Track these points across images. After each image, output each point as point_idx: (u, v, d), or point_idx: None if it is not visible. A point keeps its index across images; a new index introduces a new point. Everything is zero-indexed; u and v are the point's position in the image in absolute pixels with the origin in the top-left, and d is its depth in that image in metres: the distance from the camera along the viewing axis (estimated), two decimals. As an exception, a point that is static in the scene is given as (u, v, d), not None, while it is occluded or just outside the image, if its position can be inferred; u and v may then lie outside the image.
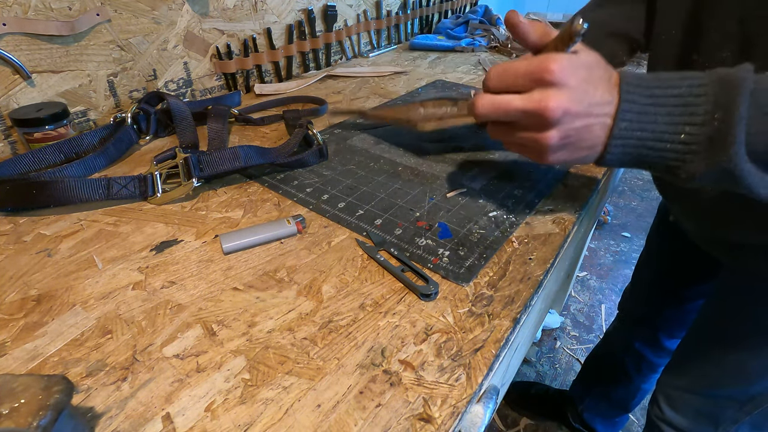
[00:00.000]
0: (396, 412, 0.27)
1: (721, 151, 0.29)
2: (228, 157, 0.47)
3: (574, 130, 0.32)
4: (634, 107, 0.31)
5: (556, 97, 0.31)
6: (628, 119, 0.32)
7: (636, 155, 0.33)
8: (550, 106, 0.31)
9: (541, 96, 0.32)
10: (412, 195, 0.48)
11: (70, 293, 0.35)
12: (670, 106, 0.31)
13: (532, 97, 0.32)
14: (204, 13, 0.69)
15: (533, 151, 0.35)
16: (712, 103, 0.29)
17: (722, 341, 0.57)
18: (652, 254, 0.78)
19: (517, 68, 0.33)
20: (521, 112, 0.32)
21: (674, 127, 0.31)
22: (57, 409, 0.21)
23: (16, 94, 0.55)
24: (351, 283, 0.36)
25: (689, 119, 0.30)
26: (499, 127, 0.36)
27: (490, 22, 1.21)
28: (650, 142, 0.32)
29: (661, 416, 0.69)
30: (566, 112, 0.31)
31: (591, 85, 0.32)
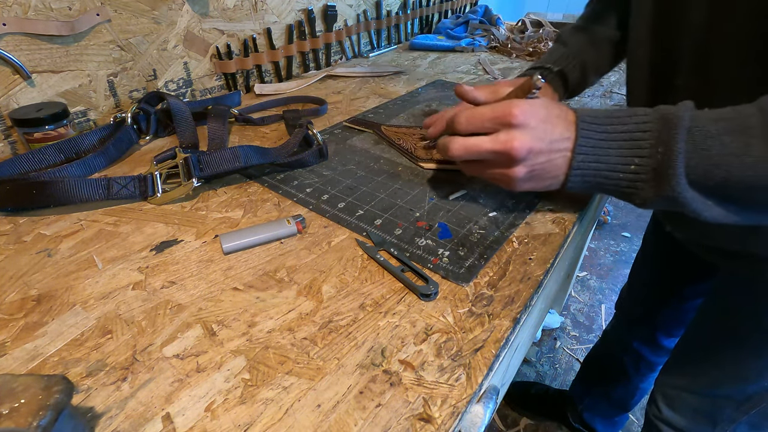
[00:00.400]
0: (396, 412, 0.27)
1: (665, 181, 0.33)
2: (228, 157, 0.47)
3: (539, 165, 0.37)
4: (590, 142, 0.36)
5: (520, 138, 0.36)
6: (584, 152, 0.36)
7: (594, 183, 0.37)
8: (515, 146, 0.36)
9: (507, 137, 0.36)
10: (412, 195, 0.48)
11: (70, 293, 0.35)
12: (621, 141, 0.35)
13: (499, 138, 0.37)
14: (204, 13, 0.69)
15: (504, 183, 0.39)
16: (655, 138, 0.33)
17: (720, 340, 0.57)
18: (648, 254, 0.78)
19: (483, 113, 0.38)
20: (490, 152, 0.37)
21: (625, 159, 0.35)
22: (57, 409, 0.21)
23: (16, 94, 0.55)
24: (351, 283, 0.36)
25: (637, 152, 0.34)
26: (471, 165, 0.41)
27: (490, 22, 1.21)
28: (605, 172, 0.36)
29: (659, 415, 0.69)
30: (530, 151, 0.36)
31: (550, 124, 0.37)
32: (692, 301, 0.72)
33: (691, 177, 0.32)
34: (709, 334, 0.59)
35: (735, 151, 0.31)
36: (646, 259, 0.79)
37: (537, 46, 1.03)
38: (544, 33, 1.07)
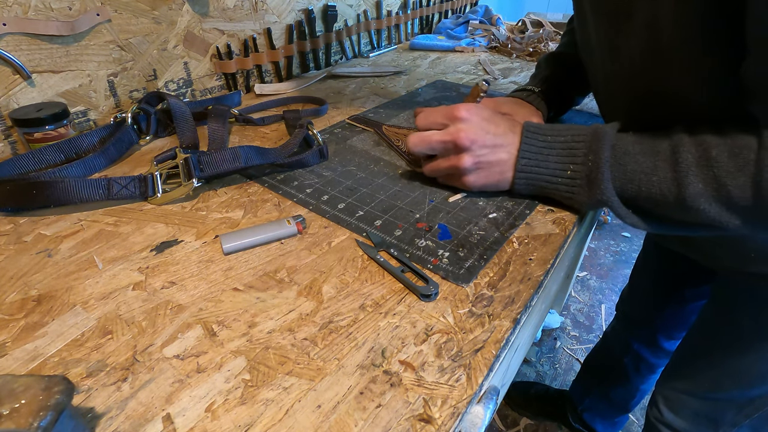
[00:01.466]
0: (396, 412, 0.27)
1: (596, 186, 0.38)
2: (228, 158, 0.47)
3: (484, 157, 0.42)
4: (532, 149, 0.41)
5: (465, 129, 0.42)
6: (527, 157, 0.42)
7: (538, 186, 0.43)
8: (461, 135, 0.42)
9: (454, 129, 0.42)
10: (412, 197, 0.48)
11: (70, 293, 0.35)
12: (559, 149, 0.40)
13: (448, 130, 0.43)
14: (204, 13, 0.69)
15: (456, 175, 0.44)
16: (587, 148, 0.38)
17: (722, 344, 0.57)
18: (649, 256, 0.78)
19: (436, 111, 0.45)
20: (440, 142, 0.43)
21: (562, 165, 0.40)
22: (57, 409, 0.21)
23: (16, 94, 0.55)
24: (351, 283, 0.36)
25: (572, 159, 0.40)
26: (429, 161, 0.47)
27: (490, 23, 1.21)
28: (546, 176, 0.41)
29: (660, 418, 0.69)
30: (474, 141, 0.42)
31: (492, 123, 0.43)
32: (693, 304, 0.72)
33: (613, 186, 0.37)
34: (710, 338, 0.59)
35: (645, 170, 0.36)
36: (647, 261, 0.79)
37: (537, 47, 1.03)
38: (544, 33, 1.07)
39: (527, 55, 1.02)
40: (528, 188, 0.43)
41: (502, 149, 0.42)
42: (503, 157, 0.42)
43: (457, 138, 0.42)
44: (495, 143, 0.42)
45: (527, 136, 0.42)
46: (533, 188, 0.43)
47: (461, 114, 0.42)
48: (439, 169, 0.46)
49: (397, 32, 1.13)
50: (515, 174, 0.42)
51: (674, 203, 0.35)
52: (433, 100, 0.75)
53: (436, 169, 0.46)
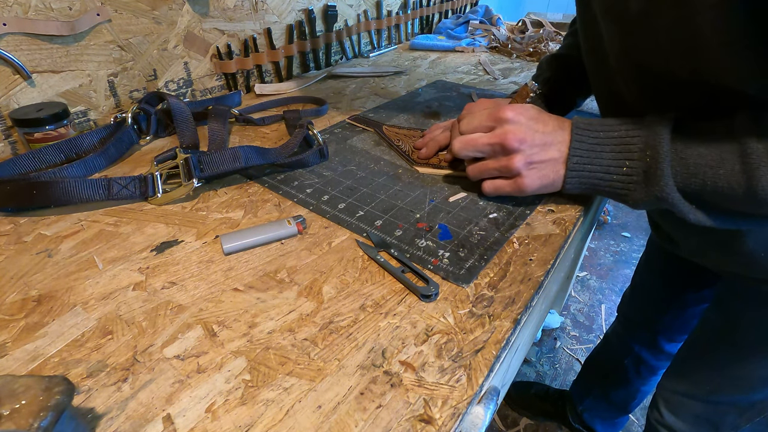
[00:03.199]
0: (397, 413, 0.27)
1: (655, 182, 0.35)
2: (228, 158, 0.47)
3: (535, 155, 0.41)
4: (583, 146, 0.39)
5: (512, 130, 0.41)
6: (578, 155, 0.40)
7: (590, 184, 0.40)
8: (509, 137, 0.40)
9: (501, 130, 0.41)
10: (413, 197, 0.48)
11: (70, 294, 0.35)
12: (612, 145, 0.38)
13: (495, 132, 0.42)
14: (204, 13, 0.69)
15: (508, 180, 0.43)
16: (643, 142, 0.36)
17: (725, 347, 0.57)
18: (651, 259, 0.78)
19: (481, 114, 0.44)
20: (487, 144, 0.42)
21: (617, 161, 0.38)
22: (58, 410, 0.21)
23: (16, 94, 0.55)
24: (351, 283, 0.36)
25: (628, 155, 0.37)
26: (476, 166, 0.45)
27: (490, 23, 1.21)
28: (600, 173, 0.39)
29: (661, 420, 0.68)
30: (522, 140, 0.40)
31: (540, 122, 0.41)
32: (695, 307, 0.71)
33: (675, 181, 0.35)
34: (712, 341, 0.59)
35: (710, 163, 0.34)
36: (649, 264, 0.79)
37: (537, 47, 1.03)
38: (544, 33, 1.07)
39: (527, 55, 1.02)
40: (580, 187, 0.41)
41: (553, 147, 0.40)
42: (554, 155, 0.40)
43: (504, 140, 0.40)
44: (544, 141, 0.40)
45: (577, 132, 0.40)
46: (585, 186, 0.41)
47: (507, 115, 0.41)
48: (487, 169, 0.44)
49: (397, 32, 1.13)
50: (566, 173, 0.40)
51: (744, 196, 0.33)
52: (433, 100, 0.75)
53: (484, 170, 0.44)
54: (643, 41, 0.36)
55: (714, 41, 0.31)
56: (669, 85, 0.37)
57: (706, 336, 0.61)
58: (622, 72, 0.41)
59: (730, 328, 0.56)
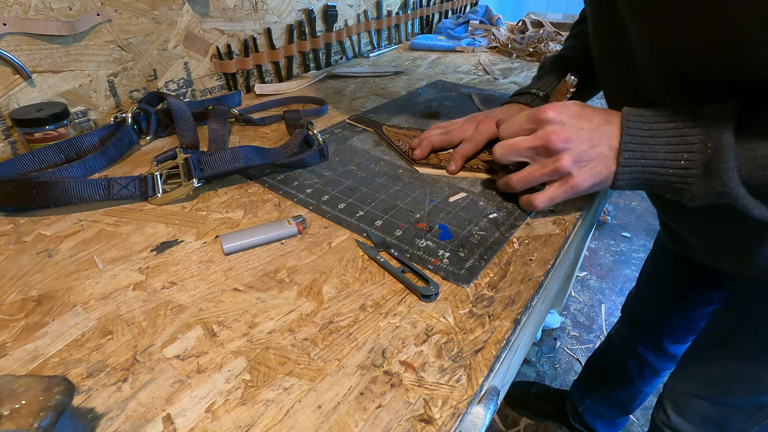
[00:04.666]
0: (397, 413, 0.27)
1: (717, 176, 0.33)
2: (228, 158, 0.47)
3: (584, 153, 0.38)
4: (635, 139, 0.36)
5: (555, 130, 0.38)
6: (631, 149, 0.36)
7: (644, 180, 0.37)
8: (552, 138, 0.38)
9: (543, 132, 0.39)
10: (413, 197, 0.48)
11: (70, 294, 0.35)
12: (668, 137, 0.35)
13: (537, 135, 0.39)
14: (204, 13, 0.69)
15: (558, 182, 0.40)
16: (704, 134, 0.33)
17: (734, 349, 0.56)
18: (659, 259, 0.77)
19: (519, 118, 0.41)
20: (530, 148, 0.40)
21: (674, 154, 0.35)
22: (58, 410, 0.21)
23: (16, 94, 0.55)
24: (351, 283, 0.36)
25: (686, 147, 0.34)
26: (519, 174, 0.42)
27: (490, 23, 1.21)
28: (654, 168, 0.36)
29: (667, 422, 0.68)
30: (567, 140, 0.38)
31: (584, 119, 0.38)
32: (702, 309, 0.71)
33: (739, 174, 0.32)
34: (723, 343, 0.58)
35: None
36: (656, 265, 0.78)
37: (537, 47, 1.03)
38: (544, 33, 1.07)
39: (527, 55, 1.02)
40: (633, 182, 0.38)
41: (602, 143, 0.38)
42: (604, 150, 0.38)
43: (548, 141, 0.38)
44: (591, 138, 0.38)
45: (628, 126, 0.37)
46: (639, 182, 0.38)
47: (548, 115, 0.39)
48: (534, 178, 0.41)
49: (397, 32, 1.13)
50: (618, 168, 0.37)
51: None
52: (433, 100, 0.75)
53: (531, 179, 0.41)
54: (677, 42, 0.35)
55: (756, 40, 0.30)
56: (702, 86, 0.36)
57: (716, 337, 0.60)
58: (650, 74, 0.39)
59: (740, 328, 0.55)
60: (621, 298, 1.52)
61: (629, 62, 0.40)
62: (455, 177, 0.52)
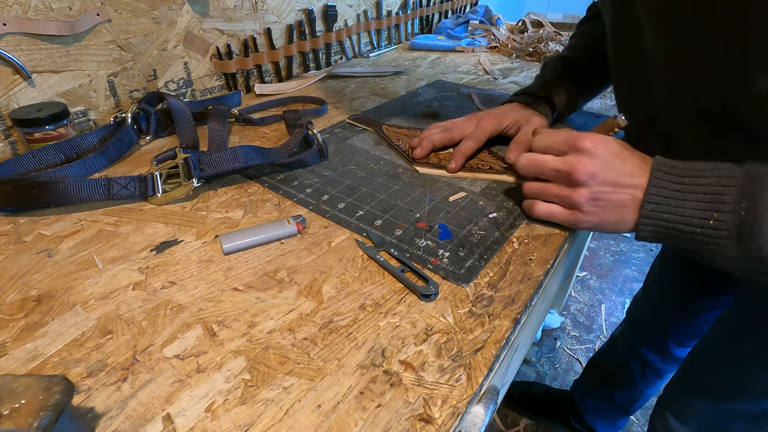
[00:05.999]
0: (396, 412, 0.27)
1: (751, 240, 0.31)
2: (228, 158, 0.47)
3: (603, 194, 0.37)
4: (662, 191, 0.35)
5: (585, 162, 0.37)
6: (656, 201, 0.35)
7: (667, 235, 0.36)
8: (579, 168, 0.37)
9: (573, 159, 0.38)
10: (413, 196, 0.48)
11: (70, 293, 0.35)
12: (700, 194, 0.33)
13: (566, 159, 0.38)
14: (204, 13, 0.69)
15: (566, 206, 0.40)
16: (739, 193, 0.31)
17: (741, 353, 0.56)
18: (668, 263, 0.76)
19: (556, 136, 0.40)
20: (553, 169, 0.39)
21: (703, 212, 0.33)
22: (57, 409, 0.21)
23: (16, 94, 0.55)
24: (351, 283, 0.36)
25: (717, 206, 0.32)
26: (536, 184, 0.42)
27: (490, 23, 1.21)
28: (680, 225, 0.34)
29: (667, 426, 0.68)
30: (593, 176, 0.36)
31: (620, 159, 0.37)
32: (710, 313, 0.70)
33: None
34: (729, 347, 0.58)
35: None
36: (664, 268, 0.78)
37: (537, 47, 1.03)
38: (544, 33, 1.07)
39: (527, 55, 1.02)
40: (655, 235, 0.37)
41: (626, 190, 0.36)
42: (625, 199, 0.36)
43: (574, 170, 0.37)
44: (618, 182, 0.36)
45: (657, 176, 0.35)
46: (662, 236, 0.36)
47: (585, 144, 0.37)
48: (546, 194, 0.41)
49: (397, 32, 1.13)
50: (639, 219, 0.36)
51: None
52: (433, 100, 0.75)
53: (542, 193, 0.41)
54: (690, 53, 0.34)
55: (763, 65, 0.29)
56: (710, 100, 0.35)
57: (722, 341, 0.59)
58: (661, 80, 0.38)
59: (748, 332, 0.54)
60: (621, 298, 1.52)
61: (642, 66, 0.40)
62: (455, 177, 0.52)
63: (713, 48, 0.32)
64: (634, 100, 0.45)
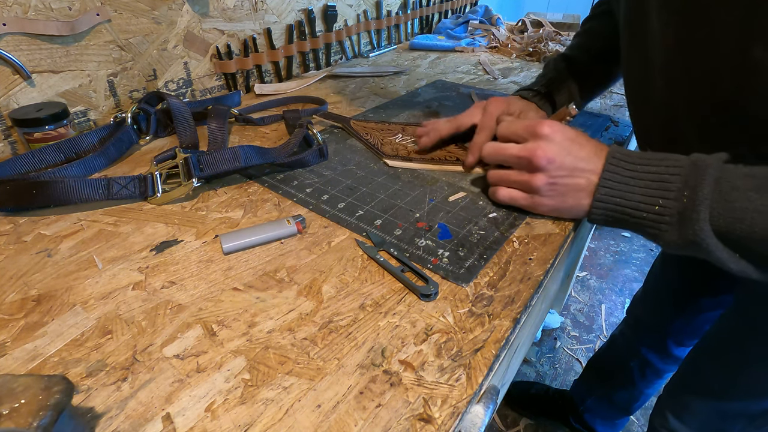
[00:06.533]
0: (396, 412, 0.27)
1: (689, 225, 0.33)
2: (228, 158, 0.47)
3: (561, 179, 0.39)
4: (616, 177, 0.37)
5: (544, 147, 0.39)
6: (609, 186, 0.37)
7: (617, 219, 0.38)
8: (538, 153, 0.39)
9: (533, 145, 0.40)
10: (412, 196, 0.48)
11: (70, 293, 0.35)
12: (648, 181, 0.36)
13: (526, 146, 0.40)
14: (204, 13, 0.69)
15: (526, 191, 0.42)
16: (683, 182, 0.34)
17: (741, 353, 0.56)
18: (668, 263, 0.76)
19: (518, 124, 0.42)
20: (515, 156, 0.41)
21: (650, 198, 0.35)
22: (57, 409, 0.21)
23: (16, 94, 0.55)
24: (351, 283, 0.36)
25: (663, 194, 0.35)
26: (498, 171, 0.44)
27: (490, 23, 1.21)
28: (629, 209, 0.37)
29: (666, 425, 0.68)
30: (551, 161, 0.39)
31: (576, 145, 0.39)
32: (710, 313, 0.70)
33: (715, 226, 0.32)
34: (729, 346, 0.58)
35: (760, 209, 0.31)
36: (664, 268, 0.78)
37: (537, 47, 1.03)
38: (544, 33, 1.07)
39: (527, 55, 1.02)
40: (605, 219, 0.39)
41: (582, 174, 0.38)
42: (581, 183, 0.39)
43: (533, 155, 0.39)
44: (575, 166, 0.38)
45: (612, 163, 0.37)
46: (612, 220, 0.39)
47: (544, 130, 0.39)
48: (508, 180, 0.43)
49: (397, 32, 1.13)
50: (593, 203, 0.38)
51: None
52: (433, 100, 0.75)
53: (505, 179, 0.43)
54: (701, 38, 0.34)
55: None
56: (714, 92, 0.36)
57: (722, 340, 0.59)
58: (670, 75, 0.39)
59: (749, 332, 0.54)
60: (621, 298, 1.52)
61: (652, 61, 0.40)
62: (455, 177, 0.51)
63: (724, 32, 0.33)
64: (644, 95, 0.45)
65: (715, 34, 0.34)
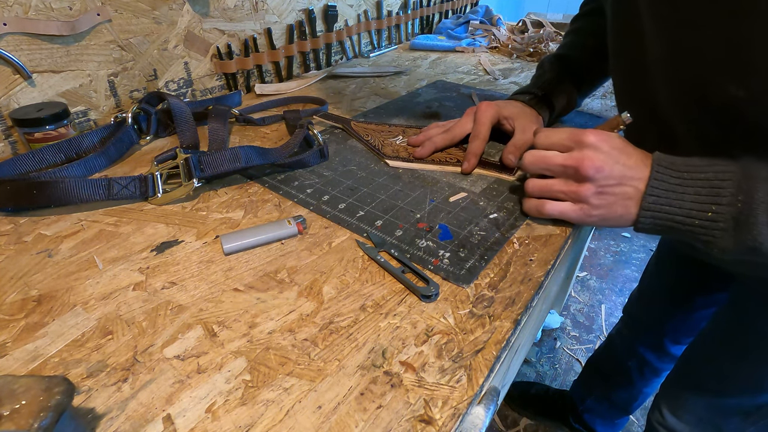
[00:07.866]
0: (397, 413, 0.27)
1: (746, 230, 0.32)
2: (228, 158, 0.47)
3: (609, 188, 0.38)
4: (663, 185, 0.36)
5: (591, 156, 0.38)
6: (657, 194, 0.36)
7: (667, 227, 0.37)
8: (586, 162, 0.38)
9: (579, 154, 0.38)
10: (413, 197, 0.48)
11: (70, 294, 0.35)
12: (698, 187, 0.35)
13: (572, 154, 0.39)
14: (204, 13, 0.69)
15: (573, 200, 0.40)
16: (735, 186, 0.33)
17: (735, 349, 0.56)
18: (663, 261, 0.77)
19: (560, 133, 0.41)
20: (561, 165, 0.39)
21: (701, 205, 0.35)
22: (58, 410, 0.21)
23: (16, 94, 0.55)
24: (352, 284, 0.36)
25: (715, 199, 0.34)
26: (539, 181, 0.42)
27: (490, 23, 1.21)
28: (679, 217, 0.36)
29: (663, 422, 0.68)
30: (599, 169, 0.37)
31: (624, 154, 0.38)
32: (704, 311, 0.71)
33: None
34: (724, 343, 0.58)
35: None
36: (659, 266, 0.78)
37: (537, 47, 1.03)
38: (544, 33, 1.07)
39: (527, 56, 1.02)
40: (654, 227, 0.38)
41: (630, 182, 0.37)
42: (629, 191, 0.38)
43: (581, 165, 0.38)
44: (623, 174, 0.37)
45: (658, 170, 0.37)
46: (661, 228, 0.38)
47: (590, 139, 0.38)
48: (551, 190, 0.41)
49: (397, 32, 1.13)
50: (640, 211, 0.37)
51: None
52: (433, 100, 0.75)
53: (547, 189, 0.42)
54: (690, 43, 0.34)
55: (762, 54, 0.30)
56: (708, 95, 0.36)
57: (717, 337, 0.60)
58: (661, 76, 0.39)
59: (744, 328, 0.55)
60: (621, 298, 1.52)
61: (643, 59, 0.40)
62: (456, 177, 0.51)
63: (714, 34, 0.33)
64: (633, 94, 0.45)
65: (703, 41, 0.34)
